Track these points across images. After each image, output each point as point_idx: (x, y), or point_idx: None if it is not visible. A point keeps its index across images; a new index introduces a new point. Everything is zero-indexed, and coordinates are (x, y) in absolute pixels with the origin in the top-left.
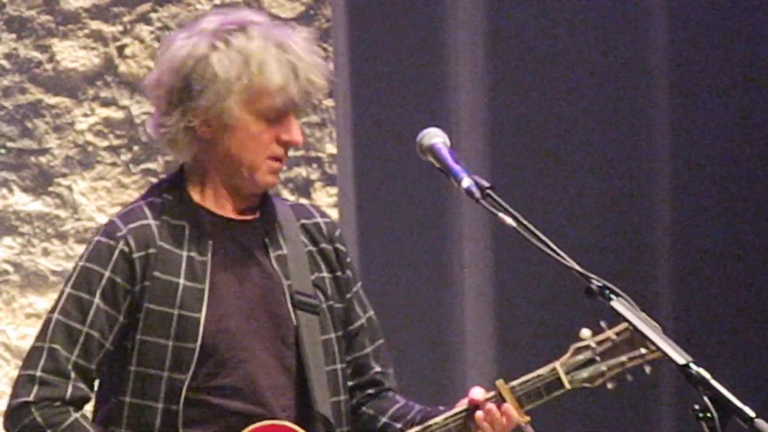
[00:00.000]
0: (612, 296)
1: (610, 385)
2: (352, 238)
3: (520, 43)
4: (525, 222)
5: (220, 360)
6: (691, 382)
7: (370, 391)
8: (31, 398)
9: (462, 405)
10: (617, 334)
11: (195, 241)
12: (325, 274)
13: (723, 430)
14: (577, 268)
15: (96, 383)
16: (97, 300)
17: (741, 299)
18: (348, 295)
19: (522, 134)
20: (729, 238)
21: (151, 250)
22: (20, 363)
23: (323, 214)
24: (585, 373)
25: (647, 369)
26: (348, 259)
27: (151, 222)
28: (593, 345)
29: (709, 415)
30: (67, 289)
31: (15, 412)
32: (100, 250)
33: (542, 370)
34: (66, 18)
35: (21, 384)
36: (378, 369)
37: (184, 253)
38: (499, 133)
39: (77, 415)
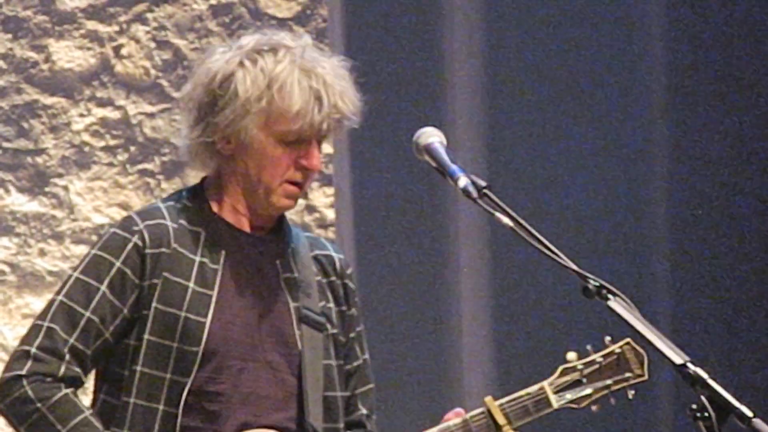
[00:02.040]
0: (609, 296)
1: (594, 408)
2: (348, 238)
3: (517, 43)
4: (522, 221)
5: (219, 366)
6: (689, 382)
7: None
8: (23, 372)
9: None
10: (603, 357)
11: (209, 248)
12: (332, 306)
13: (720, 430)
14: (575, 267)
15: (93, 375)
16: (104, 288)
17: (738, 298)
18: (351, 334)
19: (519, 133)
20: (727, 236)
21: (165, 250)
22: None
23: (337, 250)
24: (571, 394)
25: (630, 394)
26: (356, 299)
27: (168, 223)
28: (580, 366)
29: (706, 414)
30: (75, 274)
31: (6, 384)
32: (114, 240)
33: (530, 389)
34: (62, 18)
35: (15, 358)
36: (364, 412)
37: (197, 258)
38: (496, 132)
39: (68, 391)
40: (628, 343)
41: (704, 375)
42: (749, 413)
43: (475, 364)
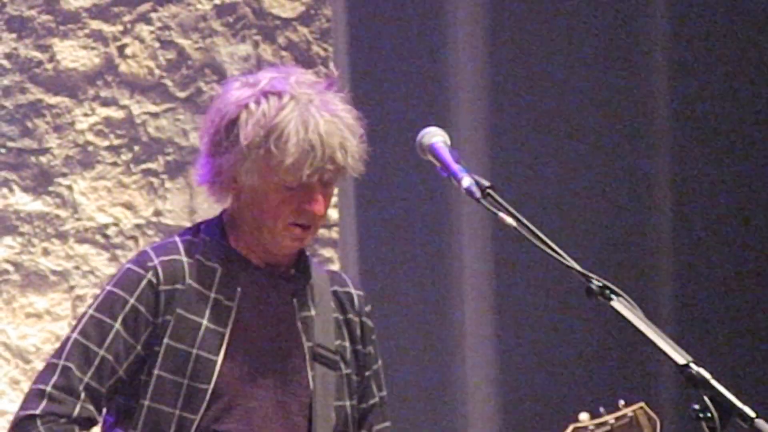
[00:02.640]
0: (612, 296)
1: None
2: (351, 238)
3: (521, 42)
4: (525, 221)
5: (226, 405)
6: (691, 382)
7: None
8: (37, 411)
9: None
10: (615, 419)
11: (224, 285)
12: (347, 344)
13: (723, 430)
14: (578, 267)
15: (104, 411)
16: (117, 325)
17: (742, 298)
18: (367, 373)
19: (522, 133)
20: (730, 236)
21: (179, 286)
22: (20, 362)
23: (357, 286)
24: None
25: None
26: (373, 336)
27: (184, 259)
28: (591, 427)
29: (709, 415)
30: (90, 311)
31: (20, 423)
32: (129, 277)
33: None
34: (66, 18)
35: (30, 397)
36: None
37: (212, 295)
38: (500, 132)
39: None
40: (641, 408)
41: (707, 375)
42: (752, 414)
43: (478, 365)
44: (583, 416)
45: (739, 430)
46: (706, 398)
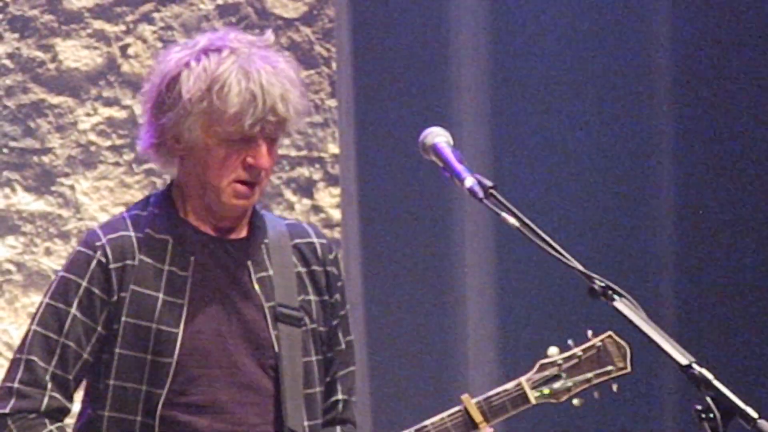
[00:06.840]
0: (615, 296)
1: (576, 402)
2: (354, 238)
3: (523, 43)
4: (528, 221)
5: (190, 377)
6: (694, 383)
7: (326, 417)
8: (7, 410)
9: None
10: (584, 351)
11: (177, 256)
12: (312, 297)
13: (725, 431)
14: (580, 268)
15: (74, 395)
16: (73, 310)
17: (744, 298)
18: (334, 322)
19: (525, 133)
20: (733, 237)
21: (129, 262)
22: None
23: (319, 235)
24: (550, 389)
25: (614, 387)
26: (339, 283)
27: (132, 234)
28: (559, 361)
29: (711, 415)
30: (46, 300)
31: None
32: (78, 259)
33: (508, 385)
34: (69, 17)
35: (1, 396)
36: (339, 397)
37: (165, 268)
38: (502, 133)
39: (52, 427)
40: (610, 336)
41: (709, 376)
42: (754, 414)
43: (480, 364)
44: (552, 350)
45: (741, 430)
46: (708, 399)
